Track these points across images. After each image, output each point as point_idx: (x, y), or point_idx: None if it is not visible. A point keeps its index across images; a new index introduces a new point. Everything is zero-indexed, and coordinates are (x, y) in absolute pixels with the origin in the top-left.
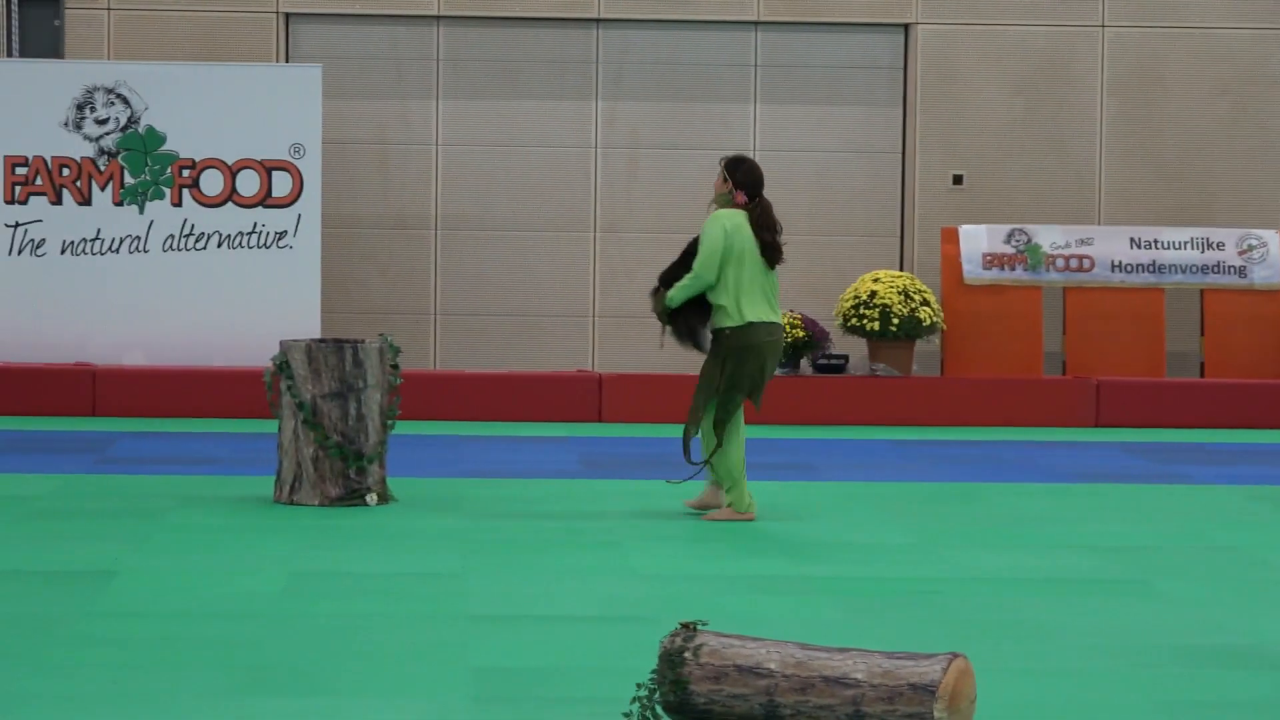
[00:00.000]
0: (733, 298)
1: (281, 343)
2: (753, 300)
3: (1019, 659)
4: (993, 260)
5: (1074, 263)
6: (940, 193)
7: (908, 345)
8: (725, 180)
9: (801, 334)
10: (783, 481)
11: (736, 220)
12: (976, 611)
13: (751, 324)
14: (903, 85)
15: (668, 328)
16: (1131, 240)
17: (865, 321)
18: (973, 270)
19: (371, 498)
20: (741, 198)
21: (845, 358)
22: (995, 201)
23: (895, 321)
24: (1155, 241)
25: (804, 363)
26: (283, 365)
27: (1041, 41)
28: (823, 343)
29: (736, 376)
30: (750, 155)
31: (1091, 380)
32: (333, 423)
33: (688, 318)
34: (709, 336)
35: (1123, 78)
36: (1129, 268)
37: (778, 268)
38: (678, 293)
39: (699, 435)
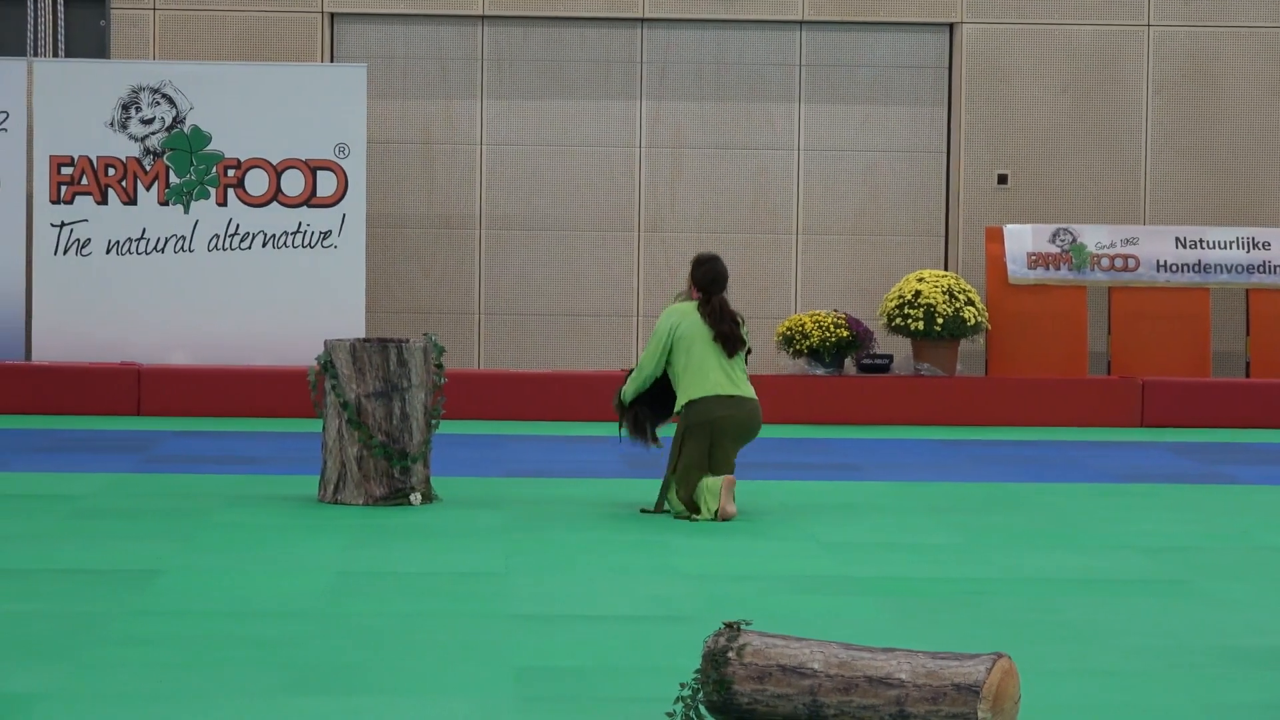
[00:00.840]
0: (678, 381)
1: (326, 342)
2: (702, 380)
3: (1063, 659)
4: (1038, 260)
5: (1119, 262)
6: (985, 192)
7: (952, 345)
8: (689, 275)
9: (846, 334)
10: (827, 482)
11: (684, 310)
12: (1021, 612)
13: (693, 402)
14: (948, 84)
15: (624, 422)
16: (1177, 240)
17: (910, 321)
18: (1017, 270)
19: (415, 497)
20: (696, 295)
21: (889, 358)
22: (1040, 201)
23: (940, 321)
24: (1201, 241)
25: (848, 363)
26: (327, 365)
27: (1087, 40)
28: (867, 343)
29: (689, 453)
30: (718, 255)
31: (1136, 380)
32: (377, 422)
33: (639, 413)
34: (653, 433)
35: (1169, 76)
36: (1174, 267)
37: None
38: (629, 386)
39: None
